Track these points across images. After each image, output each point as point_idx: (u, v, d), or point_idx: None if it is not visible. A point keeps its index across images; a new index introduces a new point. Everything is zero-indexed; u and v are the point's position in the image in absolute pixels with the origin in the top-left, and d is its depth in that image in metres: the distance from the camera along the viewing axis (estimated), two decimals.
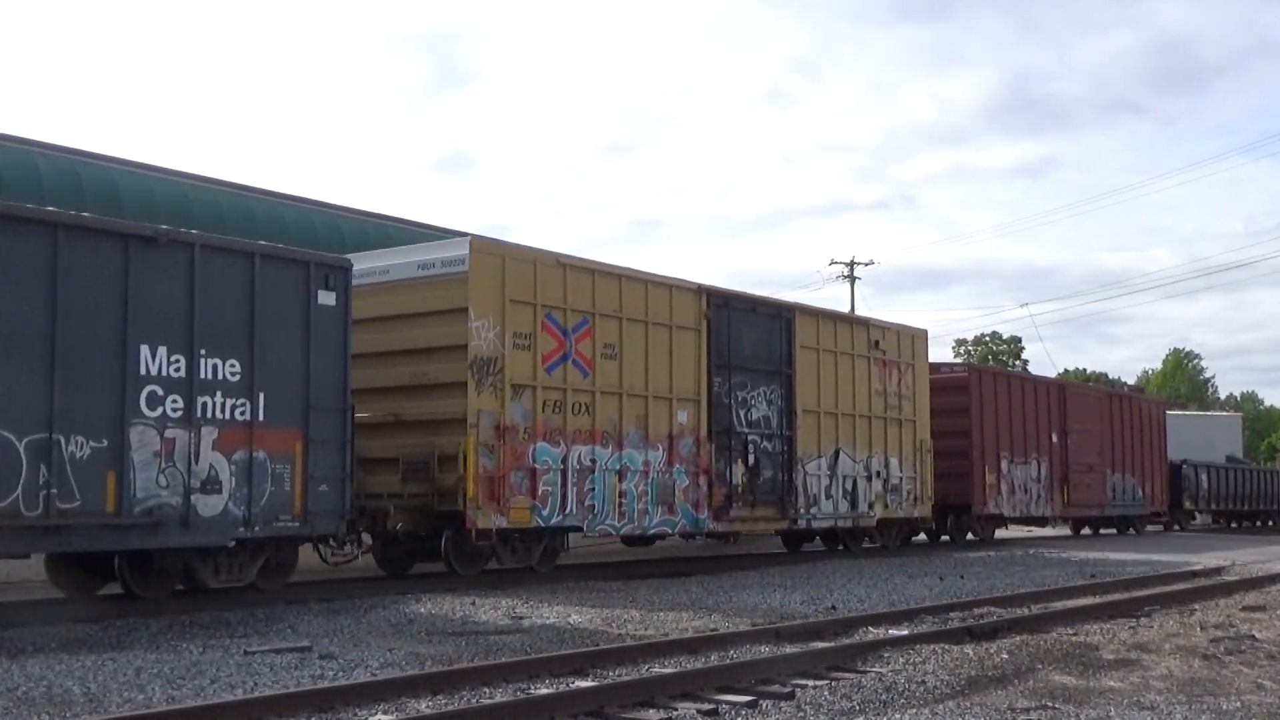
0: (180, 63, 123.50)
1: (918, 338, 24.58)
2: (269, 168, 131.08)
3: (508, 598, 14.65)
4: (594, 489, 16.69)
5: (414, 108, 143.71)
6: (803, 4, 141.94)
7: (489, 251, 16.05)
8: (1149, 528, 37.83)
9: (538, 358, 16.08)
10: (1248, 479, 46.34)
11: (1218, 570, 20.91)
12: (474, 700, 8.13)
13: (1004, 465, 27.55)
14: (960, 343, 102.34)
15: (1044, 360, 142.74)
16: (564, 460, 16.32)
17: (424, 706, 7.91)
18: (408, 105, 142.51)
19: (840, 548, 23.27)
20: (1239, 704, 8.39)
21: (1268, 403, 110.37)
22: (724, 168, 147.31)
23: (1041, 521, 31.49)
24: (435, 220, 50.96)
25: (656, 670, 9.29)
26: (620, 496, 17.09)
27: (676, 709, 8.03)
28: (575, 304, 16.69)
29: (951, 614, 13.35)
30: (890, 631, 11.71)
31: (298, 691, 7.99)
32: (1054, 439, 29.89)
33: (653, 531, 18.14)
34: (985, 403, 27.14)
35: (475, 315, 15.32)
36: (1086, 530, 35.38)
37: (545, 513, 16.11)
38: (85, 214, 13.11)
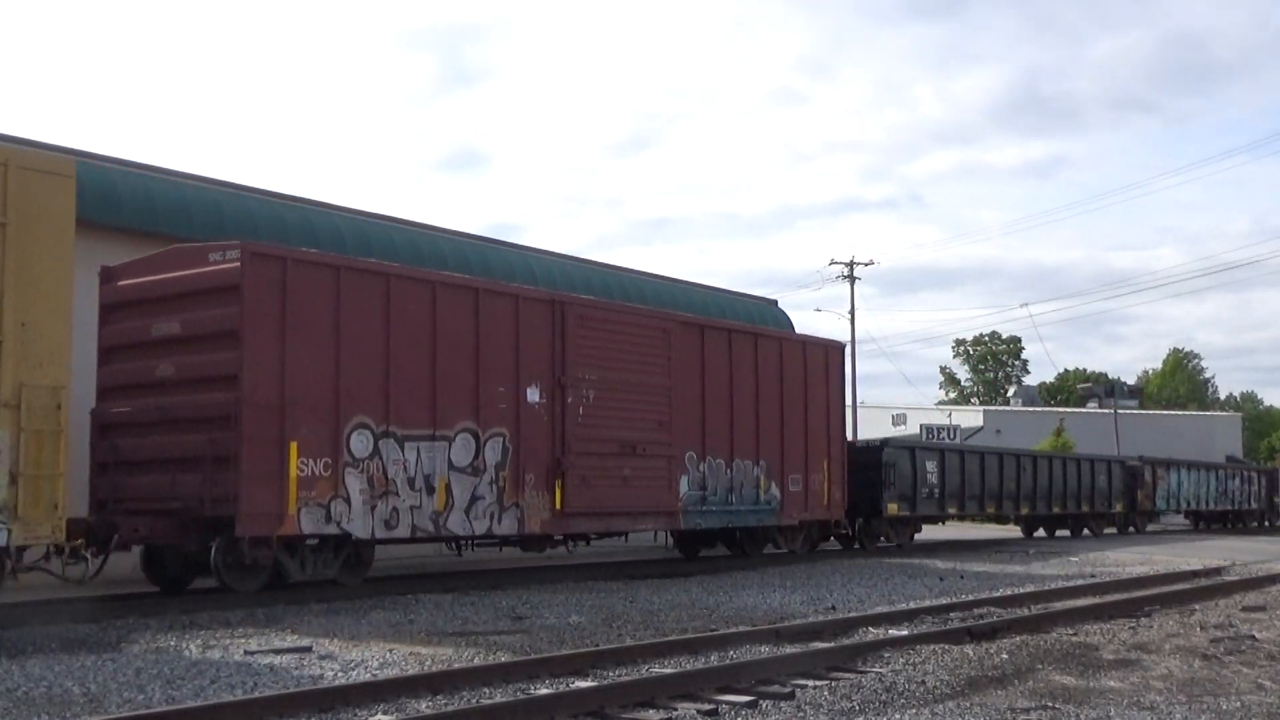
0: (181, 62, 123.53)
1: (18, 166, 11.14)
2: (271, 168, 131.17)
3: (508, 598, 14.68)
4: None
5: (423, 106, 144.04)
6: (813, 3, 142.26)
7: None
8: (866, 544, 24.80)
9: None
10: (1033, 470, 30.98)
11: (1218, 570, 20.90)
12: (474, 700, 8.13)
13: (359, 443, 14.39)
14: (960, 342, 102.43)
15: (1044, 360, 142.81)
16: None
17: (424, 706, 7.90)
18: (417, 103, 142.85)
19: None
20: (1239, 704, 8.39)
21: (1267, 402, 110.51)
22: (733, 166, 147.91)
23: (523, 542, 17.27)
24: (439, 220, 51.11)
25: (656, 670, 9.29)
26: None
27: (676, 709, 8.03)
28: None
29: (951, 614, 13.35)
30: (890, 632, 11.71)
31: (298, 691, 7.99)
32: (533, 398, 16.47)
33: None
34: (297, 324, 13.92)
35: None
36: (713, 550, 21.86)
37: None
38: None
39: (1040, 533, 34.25)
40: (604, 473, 17.47)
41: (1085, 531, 34.48)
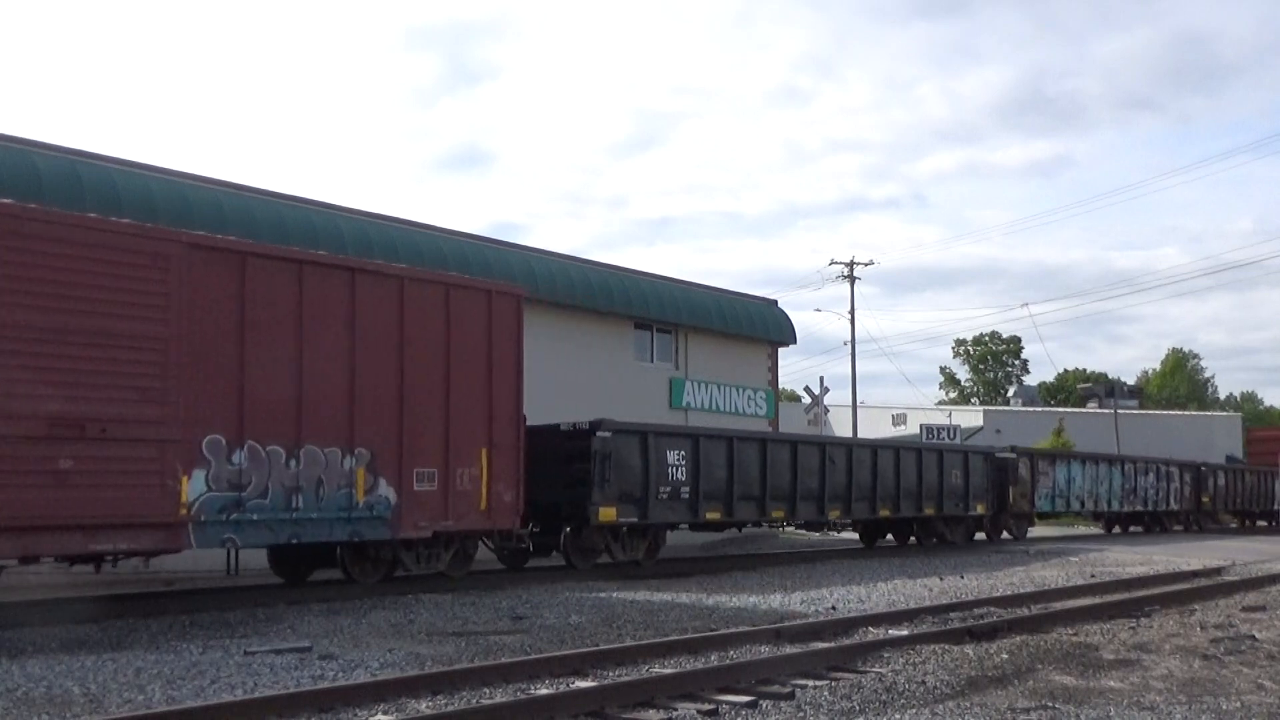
0: (181, 62, 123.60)
1: None
2: (272, 168, 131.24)
3: (508, 598, 14.68)
4: None
5: (426, 105, 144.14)
6: (816, 1, 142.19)
7: None
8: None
9: None
10: (847, 463, 23.58)
11: (1218, 570, 20.90)
12: (474, 700, 8.14)
13: None
14: (960, 342, 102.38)
15: (1044, 360, 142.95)
16: None
17: (424, 706, 7.91)
18: (420, 102, 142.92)
19: None
20: (1239, 704, 8.39)
21: (1268, 403, 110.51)
22: (736, 166, 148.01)
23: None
24: (441, 220, 51.07)
25: (656, 670, 9.29)
26: None
27: (676, 709, 8.03)
28: None
29: (951, 614, 13.35)
30: (890, 632, 11.71)
31: (298, 691, 7.99)
32: None
33: None
34: None
35: None
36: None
37: None
38: None
39: (889, 538, 27.49)
40: (13, 467, 11.21)
41: (946, 538, 27.63)
